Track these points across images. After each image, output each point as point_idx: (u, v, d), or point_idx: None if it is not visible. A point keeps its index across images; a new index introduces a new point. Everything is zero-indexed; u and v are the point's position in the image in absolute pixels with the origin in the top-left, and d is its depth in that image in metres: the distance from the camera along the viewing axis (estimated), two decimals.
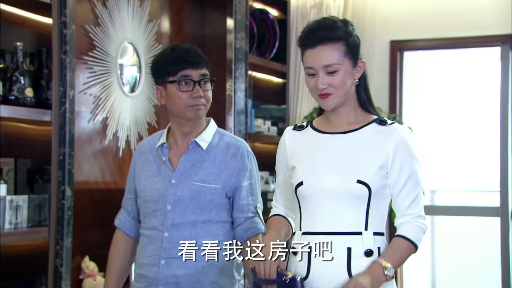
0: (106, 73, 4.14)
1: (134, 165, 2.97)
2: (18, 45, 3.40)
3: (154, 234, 2.84)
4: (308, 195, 2.57)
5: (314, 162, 2.59)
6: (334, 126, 2.62)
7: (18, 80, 3.38)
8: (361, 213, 2.54)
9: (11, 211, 3.34)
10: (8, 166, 3.50)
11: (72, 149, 3.56)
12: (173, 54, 2.84)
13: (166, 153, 2.88)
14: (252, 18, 5.28)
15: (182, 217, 2.82)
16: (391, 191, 2.58)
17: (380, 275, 2.47)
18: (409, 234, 2.55)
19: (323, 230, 2.54)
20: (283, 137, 2.72)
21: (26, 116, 3.41)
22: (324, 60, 2.53)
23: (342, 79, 2.54)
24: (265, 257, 2.47)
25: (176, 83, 2.82)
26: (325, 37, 2.52)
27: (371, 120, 2.62)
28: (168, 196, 2.83)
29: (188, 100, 2.81)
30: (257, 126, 5.31)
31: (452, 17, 5.45)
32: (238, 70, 4.93)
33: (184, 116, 2.84)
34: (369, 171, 2.53)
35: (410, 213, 2.57)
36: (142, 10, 4.42)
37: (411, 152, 2.58)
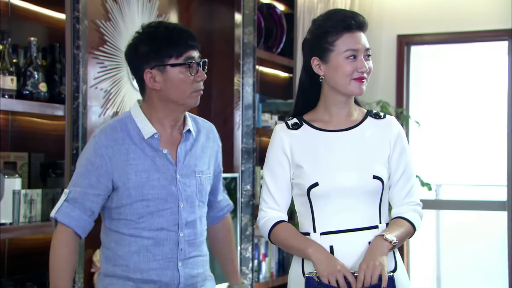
0: (117, 67, 4.15)
1: (108, 159, 2.58)
2: (32, 40, 3.41)
3: (163, 235, 2.60)
4: (323, 195, 2.58)
5: (324, 161, 2.59)
6: (332, 123, 2.64)
7: (32, 75, 3.40)
8: (375, 207, 2.60)
9: (26, 204, 3.36)
10: (22, 160, 3.52)
11: (84, 143, 3.58)
12: (174, 34, 2.58)
13: (159, 144, 2.62)
14: (259, 13, 5.29)
15: (193, 214, 2.67)
16: (390, 180, 2.64)
17: (382, 243, 2.51)
18: (406, 215, 2.61)
19: (342, 228, 2.57)
20: (278, 136, 2.65)
21: (40, 111, 3.43)
22: (366, 43, 2.61)
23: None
24: (338, 267, 2.48)
25: (184, 66, 2.56)
26: (364, 23, 2.61)
27: (365, 114, 2.68)
28: (179, 194, 2.63)
29: (193, 85, 2.59)
30: (264, 121, 5.32)
31: (459, 11, 5.46)
32: (246, 64, 4.94)
33: (183, 103, 2.61)
34: (381, 166, 2.60)
35: (408, 201, 2.64)
36: (152, 5, 4.44)
37: (405, 143, 2.68)
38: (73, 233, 2.60)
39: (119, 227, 2.63)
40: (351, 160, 2.59)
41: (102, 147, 2.59)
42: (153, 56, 2.57)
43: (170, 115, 2.65)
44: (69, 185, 2.65)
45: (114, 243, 2.64)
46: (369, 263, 2.47)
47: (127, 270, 2.60)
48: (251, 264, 4.83)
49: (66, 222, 2.59)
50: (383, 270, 2.46)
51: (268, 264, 5.25)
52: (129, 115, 2.66)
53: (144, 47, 2.59)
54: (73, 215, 2.59)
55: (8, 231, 3.27)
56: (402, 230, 2.58)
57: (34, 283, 3.49)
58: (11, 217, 3.30)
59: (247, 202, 4.86)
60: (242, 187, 4.86)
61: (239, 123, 4.91)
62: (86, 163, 2.60)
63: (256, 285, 4.96)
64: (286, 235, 2.62)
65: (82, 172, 2.60)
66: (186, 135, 2.69)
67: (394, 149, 2.63)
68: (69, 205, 2.60)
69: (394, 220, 2.61)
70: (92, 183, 2.59)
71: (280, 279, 5.38)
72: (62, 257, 2.57)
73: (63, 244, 2.58)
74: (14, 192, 3.31)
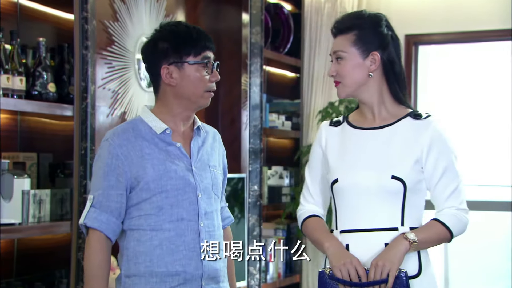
0: (124, 68, 4.16)
1: (124, 158, 2.61)
2: (40, 40, 3.42)
3: (184, 226, 2.63)
4: (343, 192, 2.59)
5: (348, 158, 2.61)
6: (367, 121, 2.65)
7: (41, 75, 3.41)
8: (397, 209, 2.55)
9: (35, 205, 3.36)
10: (31, 161, 3.53)
11: (93, 143, 3.59)
12: (194, 33, 2.65)
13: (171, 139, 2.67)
14: (267, 13, 5.29)
15: (210, 206, 2.69)
16: (428, 184, 2.59)
17: (400, 242, 2.49)
18: (444, 218, 2.55)
19: (360, 227, 2.56)
20: (319, 132, 2.74)
21: (49, 111, 3.44)
22: (334, 47, 2.65)
23: (346, 67, 2.62)
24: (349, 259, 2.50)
25: (199, 64, 2.63)
26: (338, 27, 2.66)
27: (406, 114, 2.63)
28: (196, 183, 2.66)
29: (208, 84, 2.65)
30: (272, 121, 5.32)
31: (466, 11, 5.45)
32: (253, 64, 4.94)
33: (195, 101, 2.66)
34: (404, 167, 2.54)
35: (449, 205, 2.57)
36: (159, 5, 4.44)
37: (447, 145, 2.60)
38: (105, 238, 2.61)
39: (139, 224, 2.63)
40: (372, 159, 2.58)
41: (116, 147, 2.62)
42: (172, 53, 2.64)
43: (182, 113, 2.69)
44: (91, 191, 2.67)
45: (135, 241, 2.64)
46: (379, 261, 2.47)
47: (150, 265, 2.61)
48: (258, 265, 4.83)
49: (96, 226, 2.59)
50: (392, 268, 2.45)
51: (276, 265, 5.25)
52: (139, 117, 2.72)
53: (163, 44, 2.65)
54: (102, 218, 2.60)
55: (17, 231, 3.28)
56: (431, 232, 2.54)
57: (43, 283, 3.50)
58: (20, 217, 3.31)
59: (254, 202, 4.86)
60: (249, 188, 4.86)
61: (246, 123, 4.91)
62: (103, 166, 2.62)
63: (263, 285, 4.96)
64: (312, 229, 2.67)
65: (101, 175, 2.62)
66: (197, 132, 2.74)
67: (429, 151, 2.56)
68: (96, 210, 2.61)
69: (427, 222, 2.57)
70: (112, 183, 2.61)
71: (287, 280, 5.38)
72: (96, 265, 2.59)
73: (97, 252, 2.60)
74: (23, 192, 3.31)
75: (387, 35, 2.63)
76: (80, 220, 2.64)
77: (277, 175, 5.49)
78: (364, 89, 2.63)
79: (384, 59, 2.62)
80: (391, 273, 2.46)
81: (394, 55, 2.63)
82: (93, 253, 2.59)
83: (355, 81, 2.62)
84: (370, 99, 2.64)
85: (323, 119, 5.23)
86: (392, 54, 2.63)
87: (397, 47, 2.65)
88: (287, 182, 5.57)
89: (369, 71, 2.61)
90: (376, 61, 2.61)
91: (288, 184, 5.57)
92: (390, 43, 2.63)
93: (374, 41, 2.62)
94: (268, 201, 5.33)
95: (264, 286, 4.99)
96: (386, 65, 2.63)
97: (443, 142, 2.59)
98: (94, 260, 2.58)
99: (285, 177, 5.53)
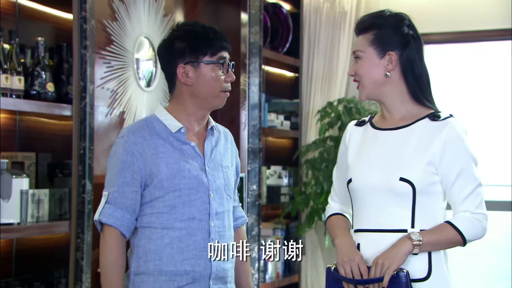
0: (123, 67, 4.15)
1: (139, 155, 2.64)
2: (39, 40, 3.42)
3: (195, 225, 2.65)
4: (357, 192, 2.59)
5: (363, 158, 2.61)
6: (387, 121, 2.64)
7: (40, 75, 3.40)
8: (407, 211, 2.52)
9: (33, 204, 3.36)
10: (30, 160, 3.53)
11: (92, 143, 3.59)
12: (211, 34, 2.68)
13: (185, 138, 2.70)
14: (265, 12, 5.29)
15: (221, 206, 2.71)
16: (443, 186, 2.54)
17: (404, 242, 2.47)
18: (456, 222, 2.51)
19: (371, 227, 2.56)
20: (345, 131, 2.74)
21: (47, 111, 3.44)
22: (354, 46, 2.65)
23: (363, 67, 2.60)
24: (352, 256, 2.52)
25: (216, 64, 2.66)
26: (359, 27, 2.64)
27: (425, 115, 2.60)
28: (209, 183, 2.68)
29: (223, 84, 2.67)
30: (270, 121, 5.32)
31: (464, 11, 5.45)
32: (252, 64, 4.94)
33: (211, 101, 2.68)
34: (414, 168, 2.51)
35: (464, 209, 2.52)
36: (158, 5, 4.44)
37: (464, 146, 2.54)
38: (120, 234, 2.63)
39: (151, 221, 2.65)
40: (383, 160, 2.57)
41: (131, 145, 2.65)
42: (189, 52, 2.67)
43: (197, 113, 2.71)
44: (106, 187, 2.68)
45: (146, 239, 2.65)
46: (379, 259, 2.47)
47: (160, 264, 2.63)
48: (257, 264, 4.83)
49: (111, 222, 2.62)
50: (389, 267, 2.45)
51: (274, 264, 5.25)
52: (154, 115, 2.74)
53: (180, 43, 2.69)
54: (117, 215, 2.62)
55: (15, 231, 3.28)
56: (440, 234, 2.50)
57: (42, 283, 3.50)
58: (18, 217, 3.31)
59: (253, 202, 4.86)
60: (248, 187, 4.86)
61: (245, 123, 4.91)
62: (118, 163, 2.65)
63: (262, 285, 4.96)
64: (332, 226, 2.69)
65: (116, 172, 2.65)
66: (211, 132, 2.77)
67: (443, 152, 2.52)
68: (110, 206, 2.63)
69: (440, 224, 2.53)
70: (128, 180, 2.63)
71: (286, 280, 5.38)
72: (113, 262, 2.61)
73: (112, 249, 2.62)
74: (21, 192, 3.31)
75: (407, 35, 2.58)
76: (95, 216, 2.66)
77: (276, 175, 5.49)
78: (383, 90, 2.61)
79: (402, 59, 2.58)
80: (388, 271, 2.45)
81: (414, 55, 2.58)
82: (109, 250, 2.62)
83: (372, 81, 2.60)
84: (390, 100, 2.62)
85: (321, 119, 5.24)
86: (413, 54, 2.58)
87: (418, 47, 2.61)
88: (286, 182, 5.56)
89: (386, 70, 2.59)
90: (393, 61, 2.58)
91: (287, 183, 5.57)
92: (411, 43, 2.58)
93: (392, 41, 2.58)
94: (267, 200, 5.33)
95: (263, 286, 4.99)
96: (404, 65, 2.59)
97: (459, 143, 2.53)
98: (111, 257, 2.61)
99: (284, 176, 5.53)
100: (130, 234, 2.67)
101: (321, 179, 5.12)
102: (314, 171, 5.20)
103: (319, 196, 5.12)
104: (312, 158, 5.24)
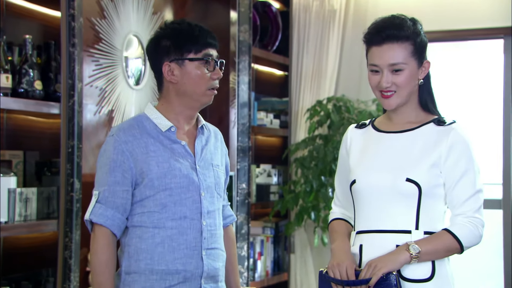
0: (112, 65, 4.14)
1: (129, 154, 2.62)
2: (27, 37, 3.40)
3: (186, 224, 2.64)
4: (360, 193, 2.59)
5: (366, 160, 2.61)
6: (393, 125, 2.63)
7: (27, 72, 3.38)
8: (411, 212, 2.53)
9: (21, 203, 3.34)
10: (17, 159, 3.51)
11: (80, 141, 3.57)
12: (196, 31, 2.66)
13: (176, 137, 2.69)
14: (255, 11, 5.28)
15: (212, 204, 2.71)
16: (445, 188, 2.55)
17: (401, 252, 2.47)
18: (454, 229, 2.52)
19: (374, 228, 2.55)
20: (345, 134, 2.73)
21: (35, 109, 3.42)
22: (391, 59, 2.53)
23: (406, 78, 2.55)
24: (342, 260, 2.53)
25: (200, 61, 2.64)
26: (393, 35, 2.53)
27: (430, 120, 2.61)
28: (200, 182, 2.67)
29: (210, 82, 2.65)
30: (260, 119, 5.32)
31: (455, 10, 5.45)
32: (241, 62, 4.93)
33: (198, 99, 2.67)
34: (420, 170, 2.52)
35: (462, 212, 2.53)
36: (147, 3, 4.42)
37: (468, 151, 2.55)
38: (110, 234, 2.61)
39: (142, 221, 2.64)
40: (389, 161, 2.56)
41: (122, 143, 2.63)
42: (174, 50, 2.66)
43: (185, 111, 2.70)
44: (96, 186, 2.66)
45: (137, 238, 2.64)
46: (373, 262, 2.47)
47: (151, 263, 2.62)
48: (246, 263, 4.83)
49: (102, 222, 2.60)
50: (380, 269, 2.45)
51: (264, 263, 5.24)
52: (144, 114, 2.73)
53: (166, 41, 2.68)
54: (107, 214, 2.61)
55: (3, 229, 3.26)
56: (438, 243, 2.49)
57: (30, 282, 3.48)
58: (6, 215, 3.29)
59: (242, 200, 4.85)
60: (237, 186, 4.85)
61: (234, 121, 4.91)
62: (108, 161, 2.63)
63: (251, 283, 4.95)
64: (332, 230, 2.69)
65: (106, 171, 2.63)
66: (201, 130, 2.76)
67: (448, 155, 2.52)
68: (101, 206, 2.62)
69: (438, 232, 2.53)
70: (118, 179, 2.62)
71: (275, 278, 5.37)
72: (104, 261, 2.60)
73: (102, 249, 2.60)
74: (9, 190, 3.29)
75: (426, 42, 2.59)
76: (85, 216, 2.64)
77: (265, 173, 5.48)
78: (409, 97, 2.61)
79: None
80: (377, 273, 2.45)
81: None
82: (100, 249, 2.60)
83: (410, 91, 2.58)
84: (405, 107, 2.62)
85: (311, 117, 5.24)
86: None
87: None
88: (275, 180, 5.56)
89: (420, 78, 2.59)
90: (426, 68, 2.59)
91: (276, 182, 5.57)
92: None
93: (424, 49, 2.58)
94: (256, 199, 5.32)
95: (252, 284, 4.98)
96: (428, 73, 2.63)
97: (464, 148, 2.54)
98: (102, 256, 2.59)
99: (273, 175, 5.53)
100: (121, 233, 2.66)
101: (311, 177, 5.12)
102: (303, 170, 5.20)
103: (308, 195, 5.12)
104: (301, 157, 5.24)
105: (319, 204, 5.16)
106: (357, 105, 5.32)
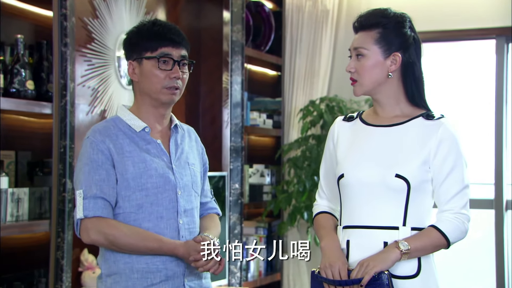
0: (104, 65, 4.13)
1: (108, 152, 2.60)
2: (19, 37, 3.39)
3: (163, 224, 2.62)
4: (348, 188, 2.58)
5: (355, 154, 2.60)
6: (380, 118, 2.63)
7: (19, 72, 3.37)
8: (400, 208, 2.53)
9: (13, 203, 3.33)
10: (9, 159, 3.50)
11: (72, 141, 3.56)
12: (154, 29, 2.66)
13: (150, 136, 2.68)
14: (248, 11, 5.28)
15: (189, 203, 2.70)
16: (433, 184, 2.56)
17: (392, 250, 2.47)
18: (441, 225, 2.52)
19: (361, 224, 2.55)
20: (332, 127, 2.72)
21: (27, 109, 3.41)
22: (355, 43, 2.61)
23: (367, 65, 2.57)
24: (334, 260, 2.52)
25: (155, 59, 2.64)
26: (361, 24, 2.61)
27: (418, 114, 2.61)
28: (176, 181, 2.66)
29: (165, 80, 2.64)
30: (253, 119, 5.31)
31: (447, 10, 5.46)
32: (234, 62, 4.93)
33: (156, 98, 2.66)
34: (410, 166, 2.52)
35: (449, 208, 2.54)
36: (139, 3, 4.41)
37: (457, 147, 2.56)
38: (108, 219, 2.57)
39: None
40: (378, 156, 2.56)
41: (99, 143, 2.61)
42: (135, 49, 2.68)
43: (151, 110, 2.70)
44: (78, 186, 2.59)
45: None
46: (366, 261, 2.48)
47: (130, 262, 2.59)
48: (239, 263, 4.82)
49: (99, 213, 2.56)
50: (372, 268, 2.45)
51: (257, 263, 5.24)
52: (117, 116, 2.73)
53: (130, 40, 2.71)
54: (101, 205, 2.56)
55: None
56: (426, 240, 2.50)
57: (22, 282, 3.47)
58: None
59: (235, 200, 4.85)
60: (230, 186, 4.85)
61: (227, 121, 4.90)
62: (89, 162, 2.60)
63: (244, 284, 4.95)
64: (318, 226, 2.69)
65: (89, 170, 2.59)
66: (175, 130, 2.75)
67: (437, 151, 2.53)
68: (90, 201, 2.57)
69: (425, 229, 2.53)
70: (103, 177, 2.59)
71: (268, 278, 5.37)
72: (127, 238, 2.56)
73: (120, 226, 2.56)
74: (1, 190, 3.28)
75: (410, 36, 2.58)
76: (78, 215, 2.57)
77: (258, 174, 5.48)
78: (380, 89, 2.60)
79: (404, 60, 2.57)
80: (369, 272, 2.45)
81: (414, 57, 2.59)
82: (115, 227, 2.55)
83: (374, 80, 2.59)
84: (386, 100, 2.62)
85: (304, 117, 5.24)
86: (413, 56, 2.58)
87: (418, 49, 2.61)
88: (268, 181, 5.56)
89: (389, 71, 2.58)
90: (397, 62, 2.57)
91: (269, 182, 5.56)
92: (412, 45, 2.58)
93: (396, 41, 2.57)
94: (249, 199, 5.32)
95: (245, 285, 4.98)
96: (405, 67, 2.59)
97: (452, 143, 2.55)
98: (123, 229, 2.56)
99: (266, 175, 5.52)
100: None
101: (303, 177, 5.12)
102: (296, 170, 5.20)
103: (301, 195, 5.12)
104: (294, 157, 5.24)
105: (312, 204, 5.16)
106: (350, 105, 5.32)
